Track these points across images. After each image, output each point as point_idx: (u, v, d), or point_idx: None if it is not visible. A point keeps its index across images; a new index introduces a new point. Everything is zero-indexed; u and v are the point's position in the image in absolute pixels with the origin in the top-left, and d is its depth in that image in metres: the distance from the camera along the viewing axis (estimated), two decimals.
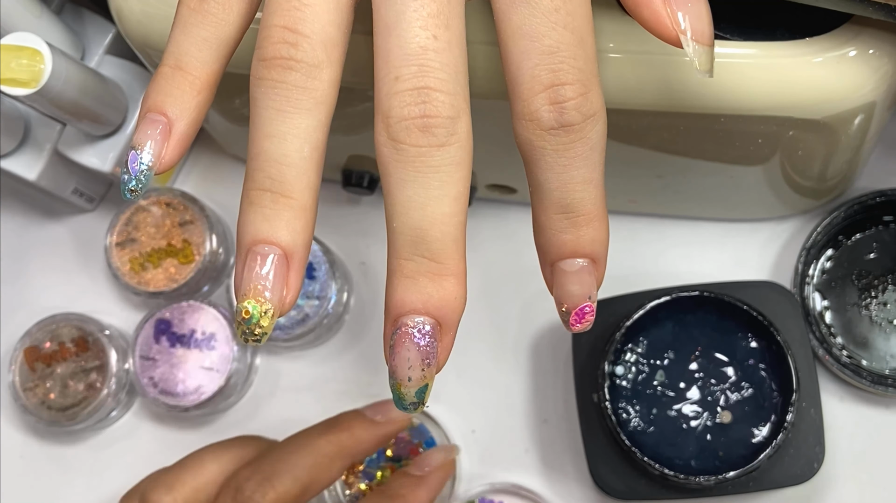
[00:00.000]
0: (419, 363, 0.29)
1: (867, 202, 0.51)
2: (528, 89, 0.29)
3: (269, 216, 0.28)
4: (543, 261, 0.31)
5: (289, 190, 0.28)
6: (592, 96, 0.29)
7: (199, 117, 0.31)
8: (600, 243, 0.30)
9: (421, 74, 0.28)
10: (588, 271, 0.31)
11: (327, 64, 0.29)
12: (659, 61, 0.38)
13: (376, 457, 0.52)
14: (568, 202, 0.29)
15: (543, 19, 0.28)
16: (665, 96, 0.39)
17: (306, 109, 0.28)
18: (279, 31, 0.28)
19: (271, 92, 0.28)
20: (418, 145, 0.28)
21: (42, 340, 0.55)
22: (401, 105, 0.28)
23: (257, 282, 0.28)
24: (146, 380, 0.54)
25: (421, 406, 0.30)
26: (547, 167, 0.29)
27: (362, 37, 0.31)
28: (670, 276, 0.53)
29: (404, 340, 0.29)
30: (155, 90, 0.31)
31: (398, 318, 0.29)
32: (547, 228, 0.30)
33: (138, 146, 0.31)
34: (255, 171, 0.29)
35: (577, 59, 0.29)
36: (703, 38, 0.31)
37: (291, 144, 0.28)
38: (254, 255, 0.29)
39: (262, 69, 0.29)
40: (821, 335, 0.51)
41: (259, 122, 0.29)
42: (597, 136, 0.29)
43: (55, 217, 0.60)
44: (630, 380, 0.50)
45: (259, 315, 0.28)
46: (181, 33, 0.31)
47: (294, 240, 0.29)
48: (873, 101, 0.39)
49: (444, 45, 0.28)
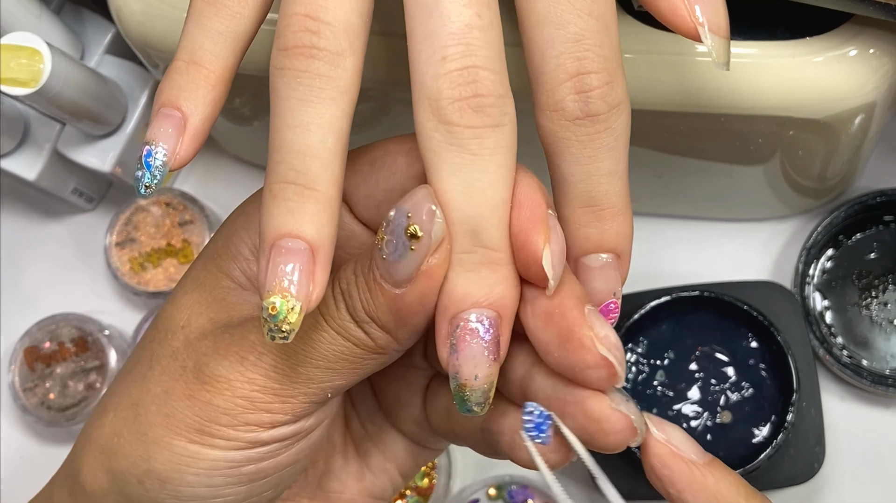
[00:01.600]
0: (485, 359, 0.28)
1: (867, 202, 0.51)
2: (552, 78, 0.28)
3: (294, 209, 0.27)
4: (567, 256, 0.30)
5: (313, 182, 0.27)
6: (617, 85, 0.28)
7: (214, 112, 0.30)
8: (625, 237, 0.30)
9: (469, 53, 0.27)
10: (613, 267, 0.30)
11: (350, 52, 0.28)
12: (659, 61, 0.38)
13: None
14: (593, 195, 0.29)
15: (569, 6, 0.28)
16: (665, 96, 0.39)
17: (330, 99, 0.28)
18: (300, 20, 0.28)
19: (293, 81, 0.28)
20: (474, 126, 0.27)
21: (42, 340, 0.55)
22: (451, 85, 0.27)
23: (283, 278, 0.27)
24: None
25: (487, 406, 0.28)
26: (572, 159, 0.29)
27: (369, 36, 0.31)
28: (670, 276, 0.53)
29: (469, 337, 0.28)
30: (169, 85, 0.30)
31: (458, 314, 0.28)
32: (571, 223, 0.30)
33: (153, 142, 0.30)
34: (278, 164, 0.28)
35: (603, 48, 0.28)
36: (721, 31, 0.30)
37: (315, 135, 0.27)
38: (278, 250, 0.27)
39: (283, 58, 0.28)
40: (821, 335, 0.51)
41: (281, 112, 0.28)
42: (621, 127, 0.29)
43: (55, 217, 0.60)
44: (630, 380, 0.50)
45: (286, 311, 0.27)
46: (195, 27, 0.30)
47: (320, 233, 0.27)
48: (873, 100, 0.39)
49: (487, 23, 0.27)
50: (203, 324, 0.32)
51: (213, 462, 0.31)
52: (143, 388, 0.32)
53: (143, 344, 0.33)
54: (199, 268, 0.33)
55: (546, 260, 0.28)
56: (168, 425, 0.31)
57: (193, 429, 0.31)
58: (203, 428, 0.30)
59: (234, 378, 0.30)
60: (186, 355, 0.31)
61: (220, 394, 0.30)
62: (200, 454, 0.31)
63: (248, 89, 0.46)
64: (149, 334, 0.33)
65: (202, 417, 0.30)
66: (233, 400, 0.30)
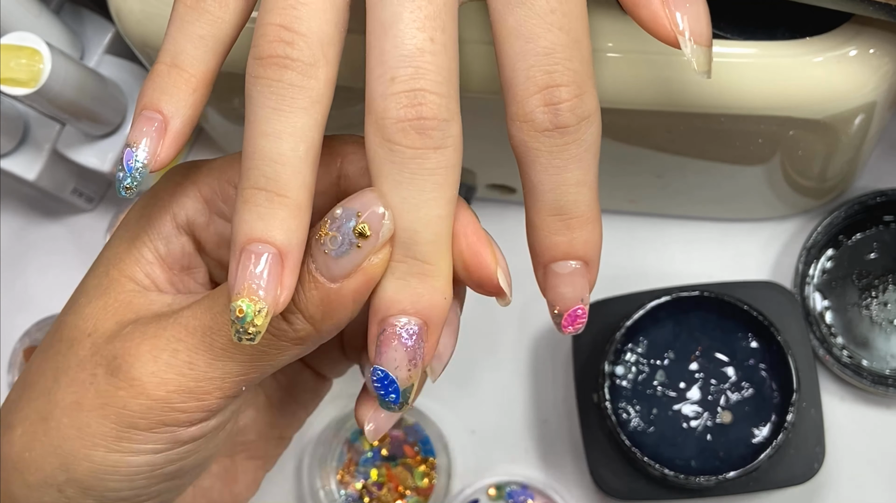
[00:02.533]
0: (406, 363, 0.29)
1: (867, 202, 0.51)
2: (522, 90, 0.29)
3: (264, 215, 0.28)
4: (536, 262, 0.31)
5: (284, 188, 0.28)
6: (587, 98, 0.29)
7: (194, 115, 0.31)
8: (593, 246, 0.30)
9: (417, 76, 0.28)
10: (581, 274, 0.31)
11: (324, 63, 0.29)
12: (659, 61, 0.38)
13: (371, 456, 0.52)
14: (562, 204, 0.29)
15: (539, 20, 0.28)
16: (665, 96, 0.39)
17: (302, 108, 0.28)
18: (275, 30, 0.28)
19: (267, 90, 0.28)
20: (415, 147, 0.28)
21: (41, 340, 0.55)
22: (397, 106, 0.28)
23: (251, 281, 0.28)
24: None
25: (406, 406, 0.30)
26: (541, 169, 0.29)
27: (358, 36, 0.31)
28: (670, 276, 0.53)
29: (392, 341, 0.29)
30: (150, 88, 0.31)
31: (385, 319, 0.29)
32: (540, 230, 0.30)
33: (133, 143, 0.31)
34: (249, 170, 0.29)
35: (573, 61, 0.29)
36: (702, 39, 0.31)
37: (287, 143, 0.28)
38: (248, 254, 0.28)
39: (257, 67, 0.28)
40: (821, 335, 0.51)
41: (254, 120, 0.29)
42: (591, 138, 0.29)
43: (55, 217, 0.60)
44: (630, 380, 0.50)
45: (253, 314, 0.28)
46: (177, 31, 0.31)
47: (289, 238, 0.28)
48: (873, 100, 0.39)
49: (439, 47, 0.28)
50: (110, 327, 0.32)
51: (134, 468, 0.31)
52: (50, 402, 0.32)
53: (44, 357, 0.33)
54: (99, 275, 0.34)
55: (502, 279, 0.31)
56: (83, 437, 0.31)
57: (111, 438, 0.31)
58: (121, 435, 0.31)
59: (148, 380, 0.31)
60: (95, 362, 0.32)
61: (134, 399, 0.31)
62: (120, 461, 0.31)
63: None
64: (49, 346, 0.33)
65: (118, 424, 0.31)
66: (147, 403, 0.31)
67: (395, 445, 0.52)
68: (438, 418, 0.53)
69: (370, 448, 0.51)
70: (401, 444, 0.52)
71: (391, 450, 0.52)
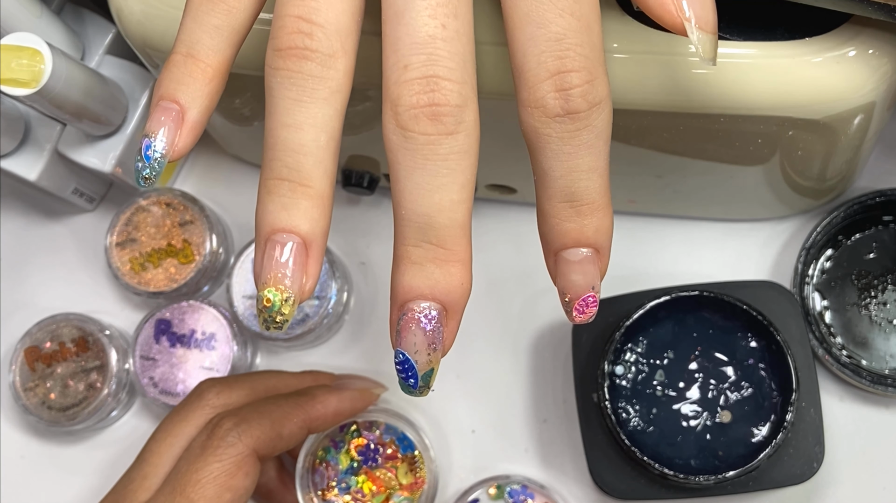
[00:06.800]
0: (425, 347, 0.29)
1: (867, 202, 0.51)
2: (534, 76, 0.29)
3: (288, 205, 0.29)
4: (547, 250, 0.31)
5: (306, 178, 0.29)
6: (598, 84, 0.29)
7: (211, 105, 0.31)
8: (604, 233, 0.30)
9: (430, 63, 0.28)
10: (591, 261, 0.30)
11: (342, 53, 0.29)
12: (659, 61, 0.38)
13: (347, 469, 0.51)
14: (573, 191, 0.29)
15: (551, 6, 0.29)
16: (665, 96, 0.39)
17: (322, 99, 0.29)
18: (294, 21, 0.28)
19: (287, 82, 0.28)
20: (427, 133, 0.28)
21: (42, 340, 0.55)
22: (410, 93, 0.28)
23: (277, 271, 0.29)
24: (146, 380, 0.54)
25: (426, 390, 0.30)
26: (552, 155, 0.29)
27: (365, 36, 0.31)
28: (670, 276, 0.53)
29: (411, 325, 0.29)
30: (167, 78, 0.31)
31: (405, 304, 0.29)
32: (551, 217, 0.30)
33: (151, 134, 0.31)
34: (272, 161, 0.29)
35: (584, 47, 0.29)
36: (707, 26, 0.30)
37: (308, 134, 0.29)
38: (273, 244, 0.29)
39: (277, 59, 0.29)
40: (820, 335, 0.51)
41: (275, 111, 0.29)
42: (602, 124, 0.29)
43: (55, 217, 0.60)
44: (630, 380, 0.50)
45: (280, 303, 0.29)
46: (192, 21, 0.31)
47: (312, 228, 0.29)
48: (873, 101, 0.40)
49: (452, 34, 0.28)
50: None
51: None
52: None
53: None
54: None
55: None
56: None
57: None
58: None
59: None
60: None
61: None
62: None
63: (248, 90, 0.46)
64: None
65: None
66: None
67: (366, 453, 0.51)
68: (438, 418, 0.53)
69: (346, 463, 0.51)
70: (376, 449, 0.51)
71: (365, 457, 0.51)
